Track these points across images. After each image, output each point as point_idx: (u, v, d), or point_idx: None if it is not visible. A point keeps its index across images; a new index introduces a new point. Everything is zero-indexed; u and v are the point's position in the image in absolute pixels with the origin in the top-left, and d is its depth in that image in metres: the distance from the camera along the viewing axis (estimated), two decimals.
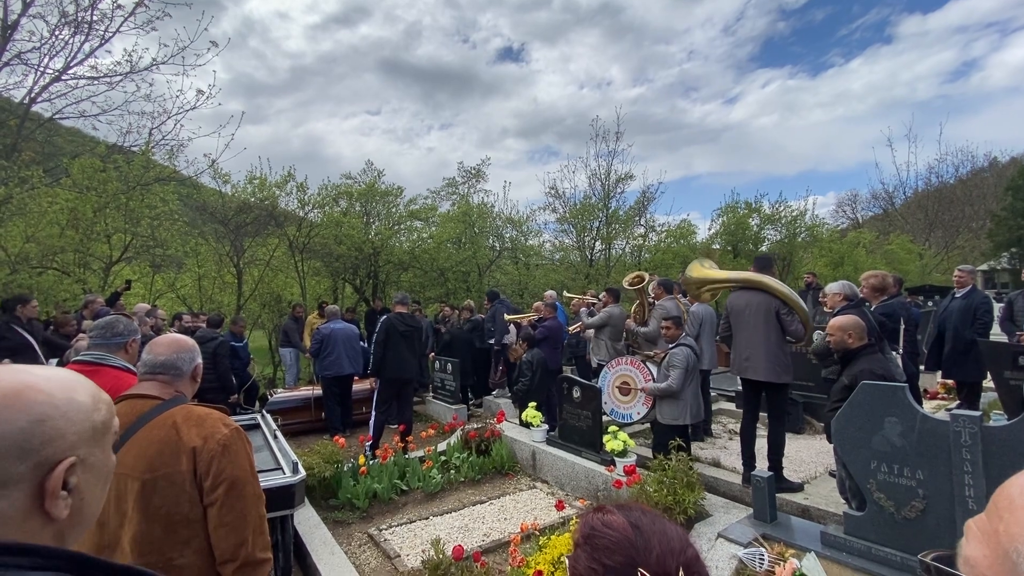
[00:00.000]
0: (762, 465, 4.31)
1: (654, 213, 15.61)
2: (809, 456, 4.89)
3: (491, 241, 14.26)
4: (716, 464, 4.70)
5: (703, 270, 4.90)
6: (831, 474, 4.26)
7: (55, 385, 0.67)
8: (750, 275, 4.39)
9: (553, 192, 15.20)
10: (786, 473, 4.12)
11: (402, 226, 13.16)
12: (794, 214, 15.93)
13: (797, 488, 3.99)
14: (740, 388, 6.78)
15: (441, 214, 13.87)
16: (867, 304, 4.54)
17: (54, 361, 3.55)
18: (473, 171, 15.00)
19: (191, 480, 1.47)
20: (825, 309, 5.87)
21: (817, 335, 5.62)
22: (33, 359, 4.64)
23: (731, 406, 6.85)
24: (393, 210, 13.12)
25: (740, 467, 4.34)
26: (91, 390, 0.72)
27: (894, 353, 4.34)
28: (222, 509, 1.47)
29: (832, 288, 4.38)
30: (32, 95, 8.45)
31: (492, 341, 8.15)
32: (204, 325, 6.79)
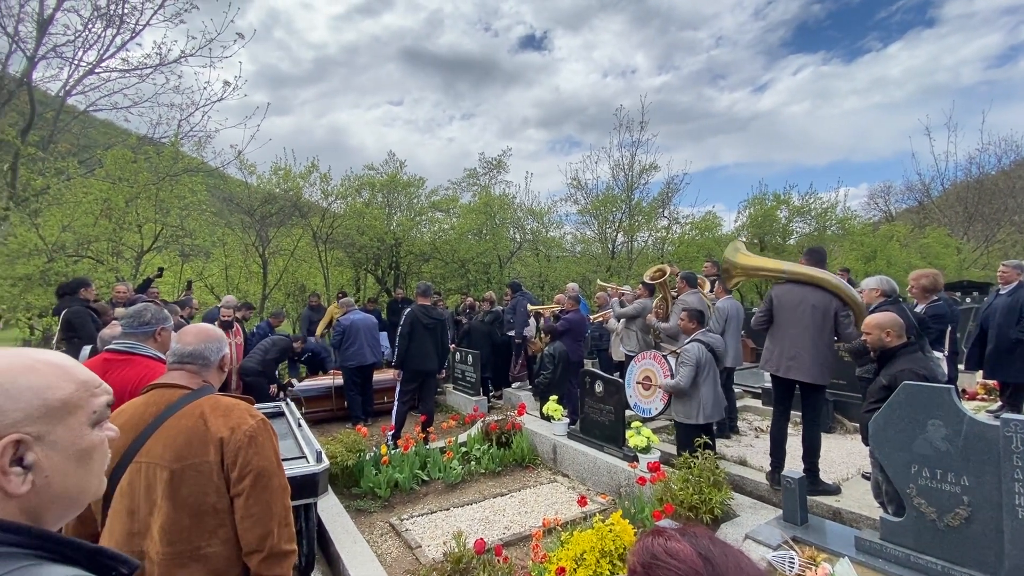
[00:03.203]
0: (791, 466, 4.19)
1: (678, 205, 15.35)
2: (840, 456, 4.75)
3: (512, 232, 14.20)
4: (743, 463, 4.59)
5: (749, 256, 4.65)
6: (864, 476, 4.11)
7: (3, 364, 0.68)
8: (810, 270, 4.03)
9: (575, 183, 15.06)
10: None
11: (423, 217, 13.20)
12: (824, 206, 15.45)
13: (834, 491, 3.85)
14: (766, 385, 6.64)
15: (462, 205, 13.86)
16: (905, 300, 4.34)
17: (87, 349, 3.63)
18: (494, 162, 14.94)
19: (218, 470, 1.47)
20: None
21: None
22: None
23: (757, 403, 6.70)
24: (414, 201, 13.17)
25: (767, 466, 4.22)
26: (56, 370, 0.72)
27: (938, 355, 4.11)
28: (248, 500, 1.47)
29: (869, 283, 4.20)
30: (67, 88, 8.67)
31: (512, 333, 8.11)
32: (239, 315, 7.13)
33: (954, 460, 2.53)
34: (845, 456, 4.77)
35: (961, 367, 6.48)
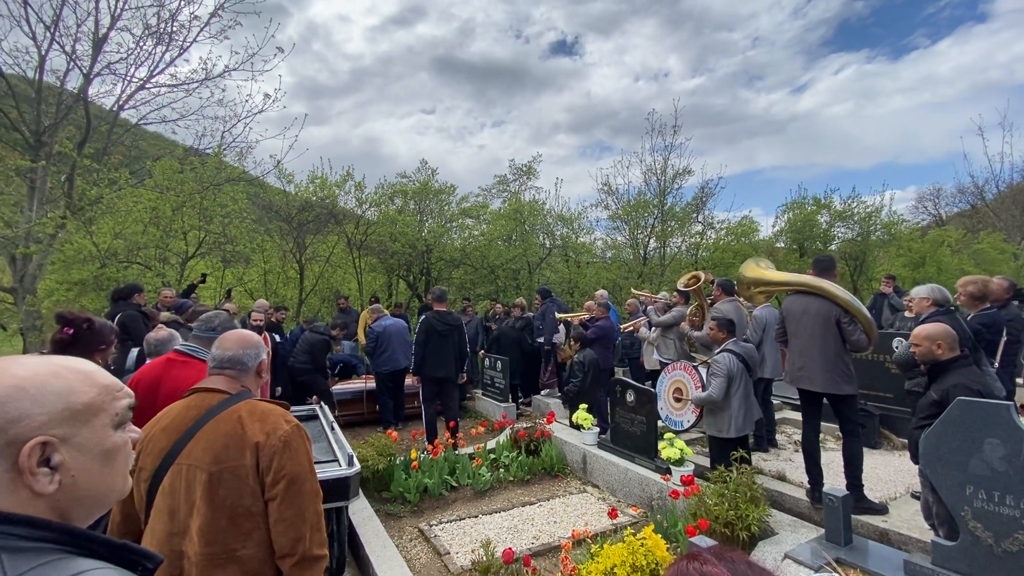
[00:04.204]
0: (831, 481, 4.02)
1: (713, 209, 14.95)
2: (887, 474, 4.51)
3: (542, 238, 14.18)
4: (781, 478, 4.42)
5: (757, 269, 4.63)
6: (913, 495, 3.90)
7: (30, 371, 0.71)
8: (808, 279, 4.07)
9: (606, 188, 14.89)
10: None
11: (454, 224, 13.35)
12: (868, 210, 14.78)
13: (881, 510, 3.66)
14: None
15: (492, 211, 13.94)
16: (958, 310, 4.11)
17: (135, 351, 3.80)
18: (524, 168, 14.98)
19: (254, 474, 1.50)
20: (907, 315, 5.41)
21: (898, 343, 5.18)
22: None
23: (796, 415, 6.44)
24: (446, 208, 13.34)
25: (808, 482, 4.05)
26: (79, 375, 0.75)
27: (990, 368, 3.88)
28: (282, 504, 1.50)
29: (919, 292, 3.99)
30: (120, 103, 9.17)
31: (541, 340, 8.07)
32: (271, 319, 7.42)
33: (1013, 481, 2.37)
34: (893, 474, 4.53)
35: (1020, 380, 6.08)
